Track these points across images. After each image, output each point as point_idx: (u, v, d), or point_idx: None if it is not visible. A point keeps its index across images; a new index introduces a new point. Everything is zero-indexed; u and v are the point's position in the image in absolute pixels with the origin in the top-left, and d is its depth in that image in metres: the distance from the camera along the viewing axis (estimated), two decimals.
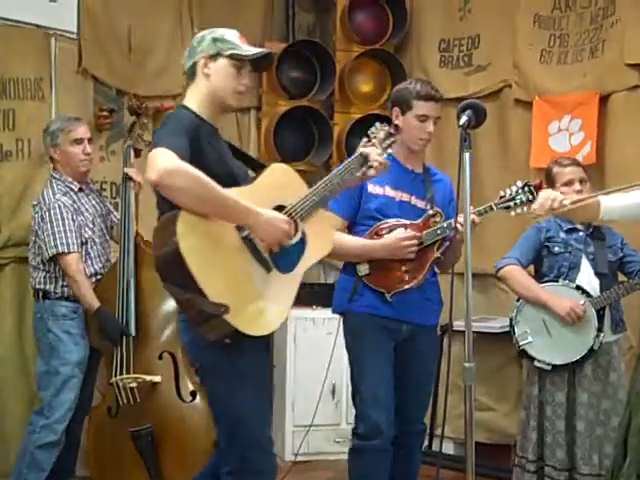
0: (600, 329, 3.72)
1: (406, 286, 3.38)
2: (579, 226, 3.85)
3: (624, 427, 3.09)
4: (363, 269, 3.42)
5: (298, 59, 5.56)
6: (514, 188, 3.32)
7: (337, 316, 5.21)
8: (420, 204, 3.48)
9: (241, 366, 2.73)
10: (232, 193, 2.62)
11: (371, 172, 3.08)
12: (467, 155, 2.55)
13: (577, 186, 3.78)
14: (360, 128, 5.39)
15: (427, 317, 3.51)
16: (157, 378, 3.87)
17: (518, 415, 4.85)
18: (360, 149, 3.13)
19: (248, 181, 2.84)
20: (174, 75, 5.20)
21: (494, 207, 3.33)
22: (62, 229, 3.92)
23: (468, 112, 2.67)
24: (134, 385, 3.83)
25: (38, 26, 4.55)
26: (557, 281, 3.80)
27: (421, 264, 3.40)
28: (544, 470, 3.80)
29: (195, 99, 2.83)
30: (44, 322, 3.98)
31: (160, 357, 3.92)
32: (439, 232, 3.38)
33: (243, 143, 5.52)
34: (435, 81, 5.17)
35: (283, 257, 2.75)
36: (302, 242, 2.82)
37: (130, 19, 4.97)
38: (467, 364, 2.43)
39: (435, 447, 4.90)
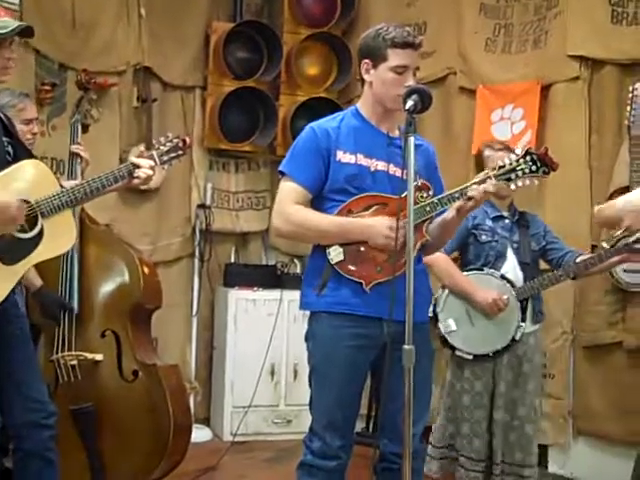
0: (523, 319, 3.69)
1: (388, 277, 2.79)
2: (505, 213, 3.81)
3: None
4: (336, 254, 2.86)
5: (245, 39, 5.54)
6: (513, 157, 2.89)
7: (277, 297, 5.33)
8: (399, 173, 2.87)
9: None
10: None
11: (135, 182, 3.06)
12: (412, 139, 2.56)
13: None
14: (305, 110, 5.42)
15: (414, 312, 2.64)
16: (99, 356, 3.83)
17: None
18: (132, 158, 3.09)
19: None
20: (119, 52, 5.17)
21: (493, 178, 2.86)
22: None
23: (414, 97, 2.64)
24: (75, 363, 3.79)
25: None
26: (482, 270, 3.74)
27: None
28: (458, 460, 3.74)
29: None
30: None
31: (103, 335, 3.88)
32: (428, 209, 2.86)
33: (187, 123, 5.50)
34: None
35: (12, 249, 2.83)
36: (38, 237, 2.88)
37: None
38: (406, 346, 2.45)
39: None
